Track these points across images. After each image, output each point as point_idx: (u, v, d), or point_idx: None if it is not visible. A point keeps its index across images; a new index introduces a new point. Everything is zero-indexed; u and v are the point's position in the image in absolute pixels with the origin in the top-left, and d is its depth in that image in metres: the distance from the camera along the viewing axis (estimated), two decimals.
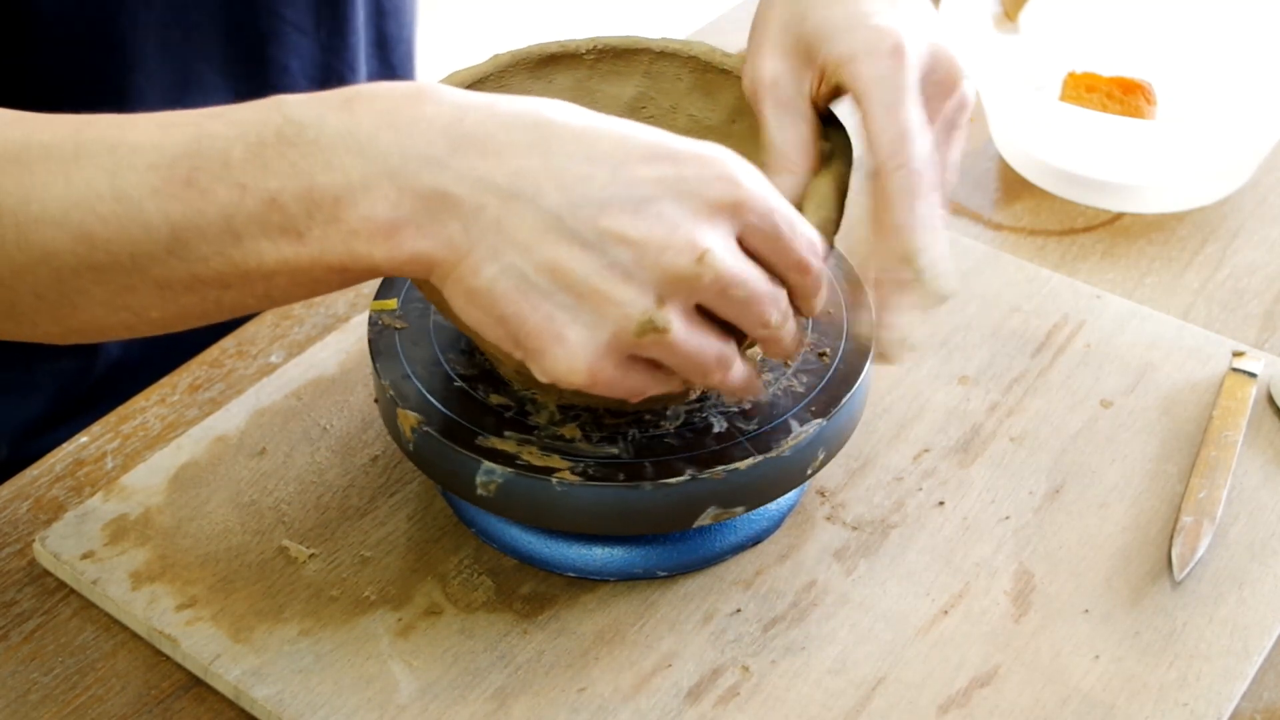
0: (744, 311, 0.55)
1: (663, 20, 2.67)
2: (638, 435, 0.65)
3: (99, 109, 0.57)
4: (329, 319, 0.84)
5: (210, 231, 0.53)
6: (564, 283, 0.53)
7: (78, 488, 0.74)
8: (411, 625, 0.66)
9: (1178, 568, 0.69)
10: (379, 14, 0.98)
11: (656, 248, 0.52)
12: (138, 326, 0.57)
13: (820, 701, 0.64)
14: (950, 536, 0.71)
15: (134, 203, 0.53)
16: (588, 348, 0.53)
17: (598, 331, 0.53)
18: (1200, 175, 0.94)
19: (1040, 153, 0.96)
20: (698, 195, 0.53)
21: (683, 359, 0.55)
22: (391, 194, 0.52)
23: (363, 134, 0.52)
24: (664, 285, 0.53)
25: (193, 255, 0.53)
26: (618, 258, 0.52)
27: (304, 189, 0.52)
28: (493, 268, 0.53)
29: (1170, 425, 0.77)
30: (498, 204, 0.52)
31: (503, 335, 0.54)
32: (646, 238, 0.52)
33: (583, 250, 0.52)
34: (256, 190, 0.52)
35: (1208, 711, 0.63)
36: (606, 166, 0.53)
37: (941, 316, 0.83)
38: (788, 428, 0.65)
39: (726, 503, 0.64)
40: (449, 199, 0.52)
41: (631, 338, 0.53)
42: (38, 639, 0.67)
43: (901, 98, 0.62)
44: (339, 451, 0.75)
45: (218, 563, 0.69)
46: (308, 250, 0.53)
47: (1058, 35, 1.02)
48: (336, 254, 0.53)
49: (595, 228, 0.52)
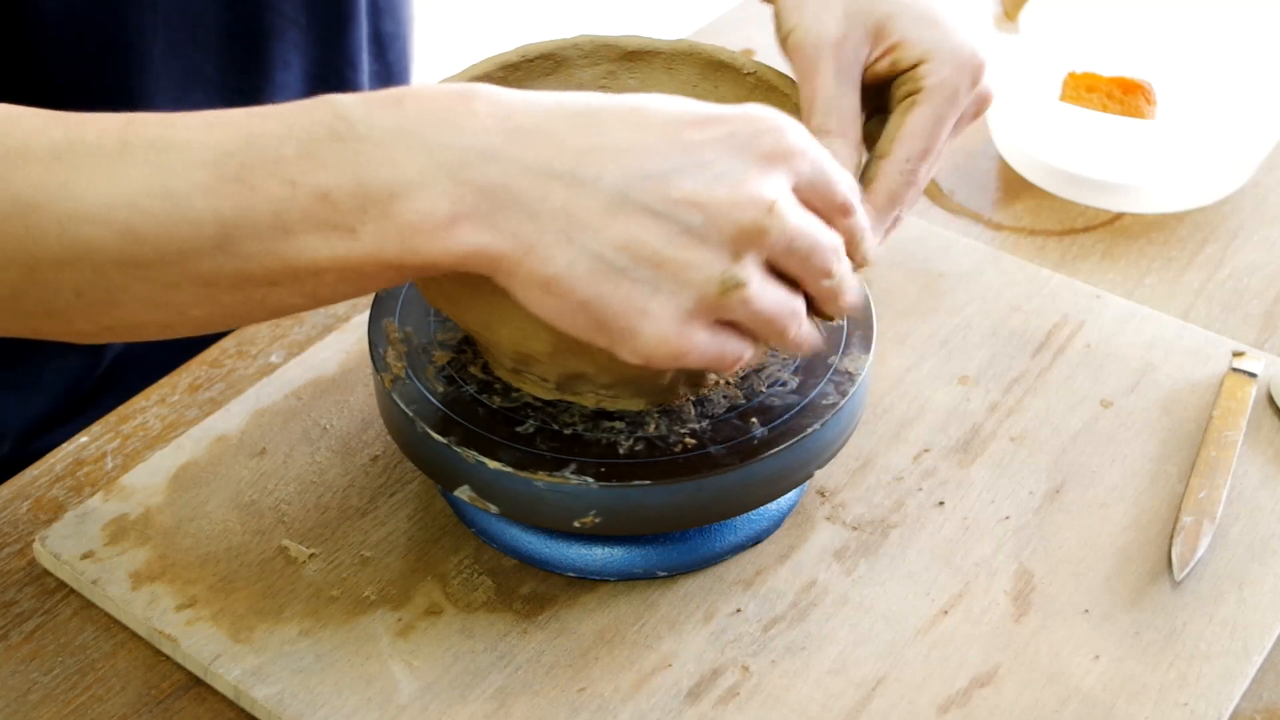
0: (807, 262, 0.56)
1: (663, 20, 2.67)
2: (637, 434, 0.65)
3: (104, 109, 0.57)
4: (329, 319, 0.84)
5: (260, 227, 0.52)
6: (640, 256, 0.53)
7: (78, 488, 0.74)
8: (411, 625, 0.66)
9: (1178, 568, 0.69)
10: (375, 12, 0.98)
11: (726, 206, 0.53)
12: (176, 325, 0.57)
13: (820, 701, 0.64)
14: (950, 536, 0.71)
15: (182, 199, 0.52)
16: (675, 317, 0.53)
17: (682, 299, 0.53)
18: (1200, 175, 0.94)
19: (1040, 153, 0.96)
20: (752, 149, 0.54)
21: (762, 315, 0.55)
22: (451, 188, 0.52)
23: (415, 130, 0.52)
24: (737, 242, 0.53)
25: (241, 252, 0.53)
26: (689, 222, 0.53)
27: (356, 184, 0.52)
28: (566, 254, 0.52)
29: (1170, 425, 0.77)
30: (562, 190, 0.52)
31: (585, 322, 0.54)
32: (713, 198, 0.53)
33: (653, 220, 0.52)
34: (308, 186, 0.52)
35: (1208, 711, 0.63)
36: (660, 137, 0.53)
37: (942, 316, 0.83)
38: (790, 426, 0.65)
39: (717, 508, 0.64)
40: (510, 191, 0.52)
41: (715, 298, 0.53)
42: (38, 639, 0.67)
43: (950, 117, 0.65)
44: (339, 451, 0.75)
45: (218, 563, 0.69)
46: (360, 246, 0.53)
47: (1058, 35, 1.02)
48: (392, 250, 0.53)
49: (662, 197, 0.52)
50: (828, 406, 0.66)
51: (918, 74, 0.65)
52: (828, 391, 0.67)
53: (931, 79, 0.65)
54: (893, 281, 0.85)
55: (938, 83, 0.65)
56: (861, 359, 0.68)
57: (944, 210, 0.95)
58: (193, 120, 0.54)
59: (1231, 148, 0.92)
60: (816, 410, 0.66)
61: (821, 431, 0.65)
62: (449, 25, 2.66)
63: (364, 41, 0.97)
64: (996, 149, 1.00)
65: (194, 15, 0.85)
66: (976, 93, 0.66)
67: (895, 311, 0.83)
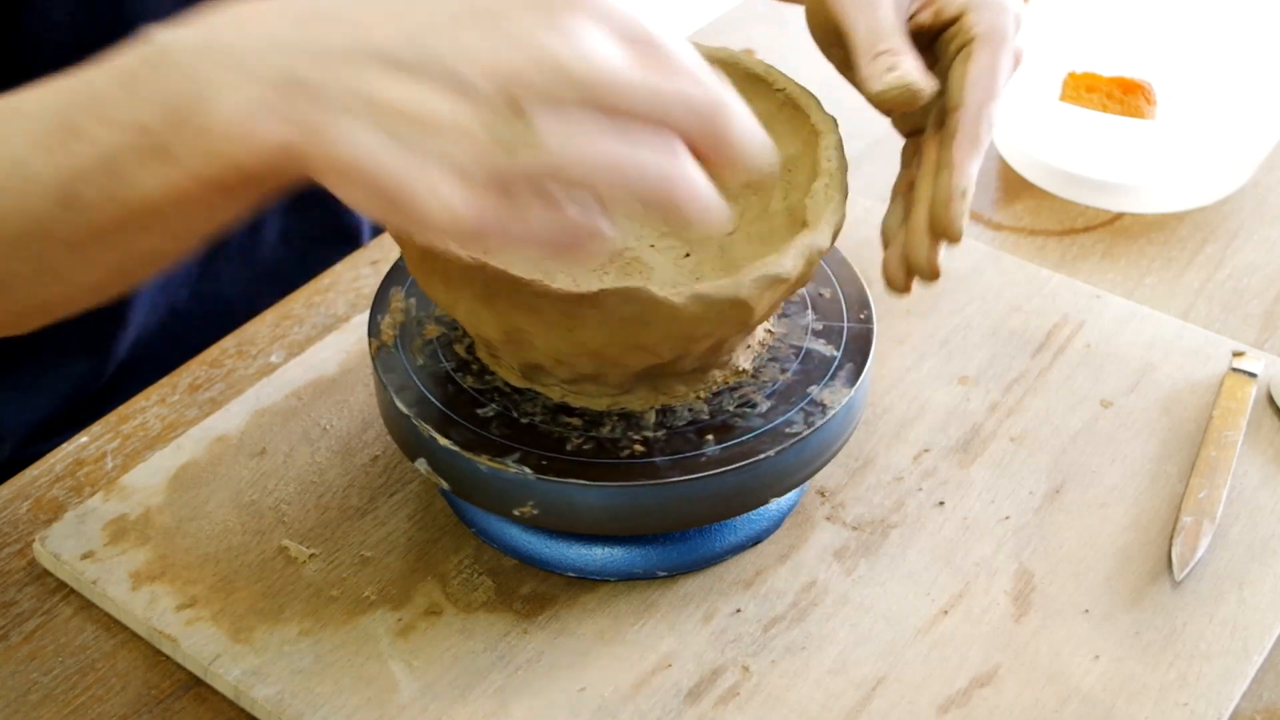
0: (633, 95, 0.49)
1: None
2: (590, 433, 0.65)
3: None
4: (329, 319, 0.84)
5: (92, 175, 0.52)
6: (415, 120, 0.49)
7: (78, 488, 0.74)
8: (411, 625, 0.66)
9: (1178, 568, 0.69)
10: None
11: (504, 58, 0.49)
12: (77, 297, 0.57)
13: (820, 701, 0.64)
14: (950, 536, 0.71)
15: (24, 163, 0.53)
16: (459, 181, 0.49)
17: (459, 159, 0.49)
18: (1200, 175, 0.94)
19: (1040, 153, 0.96)
20: (543, 9, 0.50)
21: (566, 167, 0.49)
22: (244, 88, 0.50)
23: (216, 40, 0.52)
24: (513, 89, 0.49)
25: (84, 204, 0.53)
26: (466, 79, 0.49)
27: (165, 106, 0.51)
28: (349, 131, 0.50)
29: (1170, 425, 0.77)
30: (341, 67, 0.50)
31: (380, 202, 0.51)
32: (493, 55, 0.49)
33: (430, 84, 0.49)
34: (127, 122, 0.52)
35: (1208, 711, 0.63)
36: (443, 6, 0.51)
37: (942, 316, 0.83)
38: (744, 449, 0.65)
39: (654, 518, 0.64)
40: (297, 78, 0.50)
41: (498, 156, 0.49)
42: (38, 639, 0.67)
43: (1006, 60, 0.65)
44: (339, 451, 0.75)
45: (218, 563, 0.69)
46: (180, 169, 0.52)
47: (1058, 35, 1.02)
48: (205, 165, 0.51)
49: (437, 58, 0.49)
50: (789, 435, 0.65)
51: (966, 24, 0.66)
52: (794, 420, 0.66)
53: (981, 26, 0.65)
54: None
55: (988, 29, 0.65)
56: (843, 392, 0.67)
57: None
58: (42, 87, 0.54)
59: (1231, 148, 0.92)
60: (776, 437, 0.65)
61: (776, 459, 0.64)
62: None
63: None
64: (996, 149, 1.00)
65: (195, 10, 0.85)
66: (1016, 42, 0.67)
67: (895, 311, 0.83)
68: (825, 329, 0.70)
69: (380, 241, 0.91)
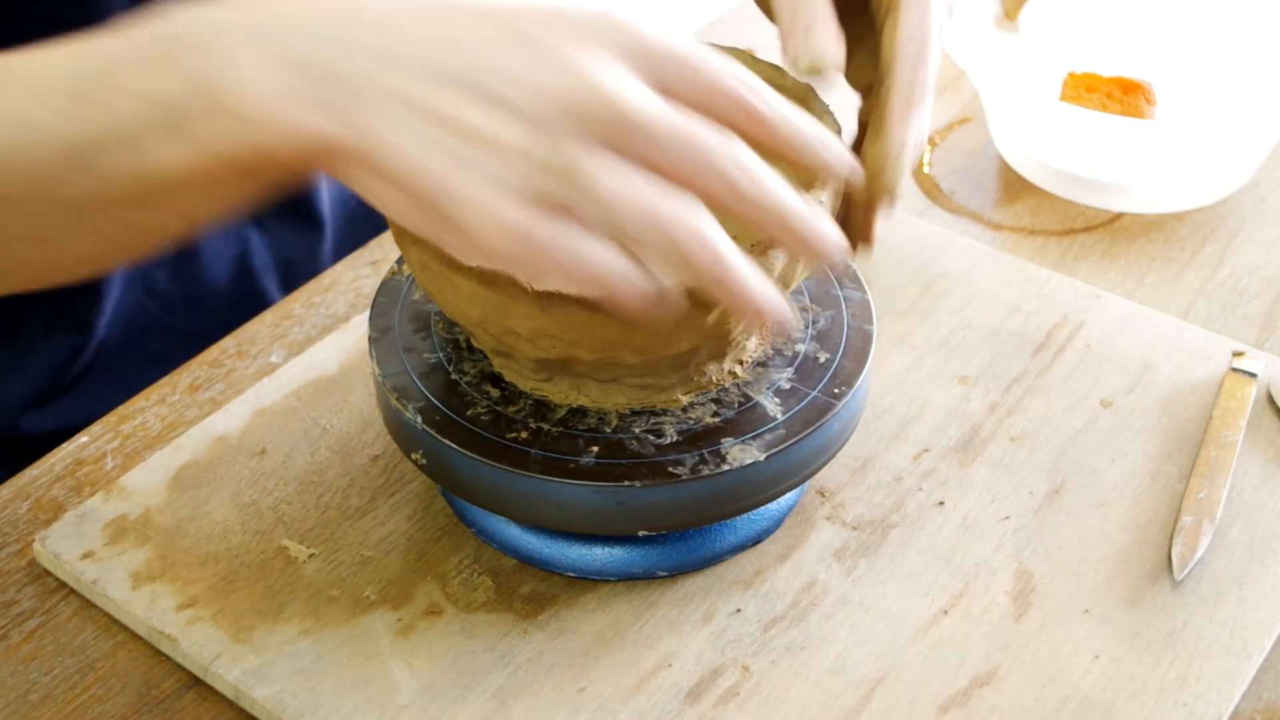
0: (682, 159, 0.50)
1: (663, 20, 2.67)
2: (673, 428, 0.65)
3: None
4: (329, 319, 0.84)
5: (109, 143, 0.52)
6: (465, 133, 0.50)
7: (78, 488, 0.74)
8: (411, 625, 0.66)
9: (1178, 568, 0.69)
10: None
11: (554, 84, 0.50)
12: (64, 261, 0.57)
13: (820, 701, 0.64)
14: (950, 536, 0.71)
15: (35, 123, 0.52)
16: (508, 198, 0.50)
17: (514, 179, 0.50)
18: (1200, 175, 0.94)
19: (1040, 153, 0.96)
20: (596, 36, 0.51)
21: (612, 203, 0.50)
22: (277, 71, 0.51)
23: (244, 21, 0.52)
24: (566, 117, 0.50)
25: (96, 171, 0.53)
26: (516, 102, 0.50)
27: (189, 84, 0.51)
28: (394, 135, 0.50)
29: (1170, 425, 0.77)
30: (389, 71, 0.50)
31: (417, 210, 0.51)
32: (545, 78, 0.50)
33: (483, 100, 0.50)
34: (148, 94, 0.52)
35: (1208, 711, 0.63)
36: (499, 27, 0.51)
37: (942, 316, 0.83)
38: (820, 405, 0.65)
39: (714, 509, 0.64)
40: (337, 73, 0.51)
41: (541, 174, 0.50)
42: (38, 639, 0.67)
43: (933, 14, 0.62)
44: (339, 451, 0.75)
45: (218, 563, 0.69)
46: (201, 147, 0.52)
47: (1058, 35, 1.02)
48: (228, 145, 0.51)
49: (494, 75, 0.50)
50: (789, 435, 0.65)
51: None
52: (794, 420, 0.65)
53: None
54: (893, 281, 0.85)
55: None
56: (841, 393, 0.67)
57: (944, 210, 0.95)
58: (52, 49, 0.54)
59: (1231, 148, 0.92)
60: (776, 437, 0.65)
61: (776, 459, 0.64)
62: None
63: None
64: (996, 149, 1.00)
65: None
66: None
67: (895, 311, 0.83)
68: (823, 330, 0.70)
69: (380, 241, 0.91)
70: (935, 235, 0.90)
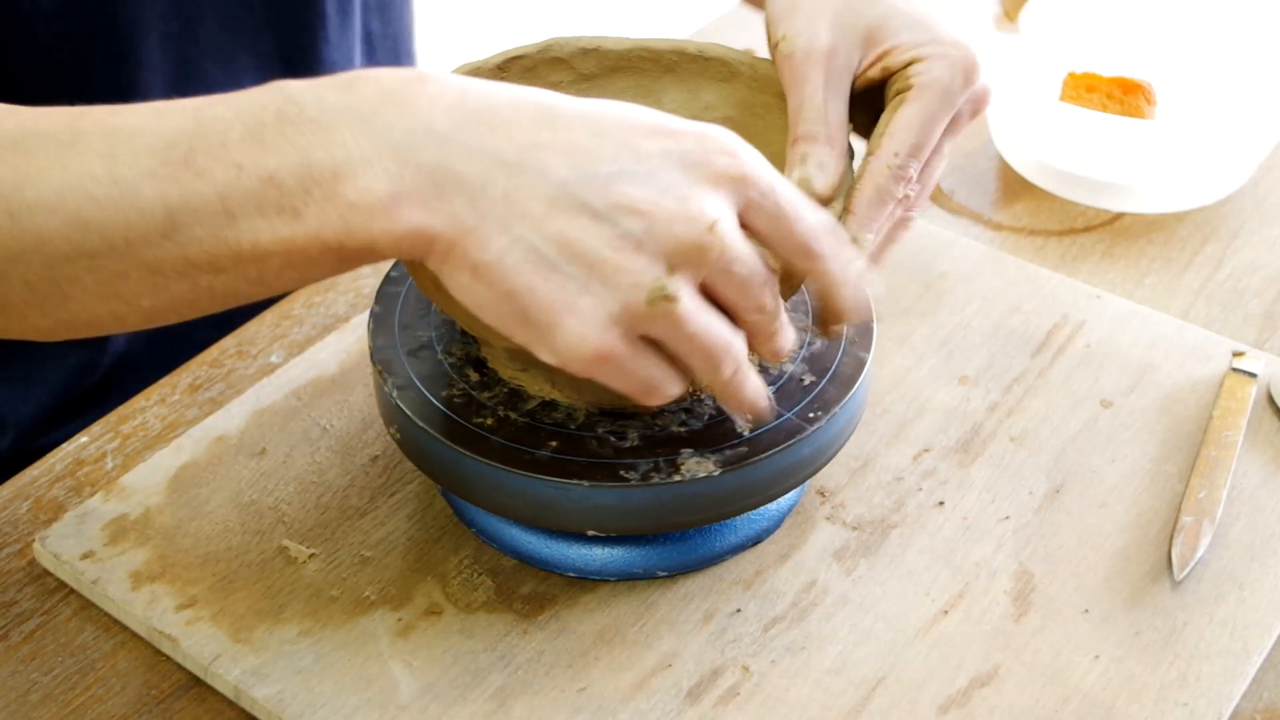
0: (743, 292, 0.55)
1: (663, 21, 2.67)
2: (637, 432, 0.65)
3: (97, 101, 0.57)
4: (329, 319, 0.84)
5: (205, 212, 0.52)
6: (574, 254, 0.52)
7: (78, 488, 0.74)
8: (411, 625, 0.66)
9: (1178, 568, 0.69)
10: (364, 9, 0.98)
11: (667, 218, 0.52)
12: (128, 317, 0.57)
13: (820, 701, 0.64)
14: (950, 536, 0.71)
15: (129, 185, 0.52)
16: (598, 317, 0.52)
17: (609, 301, 0.52)
18: (1200, 175, 0.94)
19: (1040, 153, 0.96)
20: (702, 167, 0.53)
21: (691, 339, 0.54)
22: (392, 167, 0.52)
23: (364, 111, 0.52)
24: (674, 256, 0.53)
25: (186, 237, 0.53)
26: (628, 228, 0.52)
27: (301, 165, 0.52)
28: (501, 241, 0.52)
29: (1170, 425, 0.77)
30: (505, 178, 0.52)
31: (508, 313, 0.53)
32: (656, 208, 0.52)
33: (593, 221, 0.52)
34: (253, 168, 0.52)
35: (1208, 711, 0.63)
36: (612, 140, 0.53)
37: (942, 316, 0.83)
38: (790, 428, 0.65)
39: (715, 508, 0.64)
40: (453, 174, 0.52)
41: (643, 306, 0.53)
42: (38, 639, 0.67)
43: (943, 113, 0.65)
44: (339, 451, 0.75)
45: (218, 563, 0.69)
46: (304, 228, 0.52)
47: (1058, 35, 1.02)
48: (333, 230, 0.52)
49: (605, 199, 0.52)
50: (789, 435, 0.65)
51: (909, 73, 0.65)
52: (794, 420, 0.66)
53: (922, 77, 0.64)
54: (893, 281, 0.85)
55: (929, 80, 0.64)
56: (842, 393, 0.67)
57: (944, 210, 0.95)
58: (144, 109, 0.54)
59: (1231, 148, 0.92)
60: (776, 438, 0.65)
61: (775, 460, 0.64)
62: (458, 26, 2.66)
63: (357, 41, 0.97)
64: (996, 149, 1.00)
65: (190, 6, 0.85)
66: (972, 91, 0.66)
67: (895, 311, 0.83)
68: (816, 353, 0.70)
69: None
70: (935, 235, 0.90)
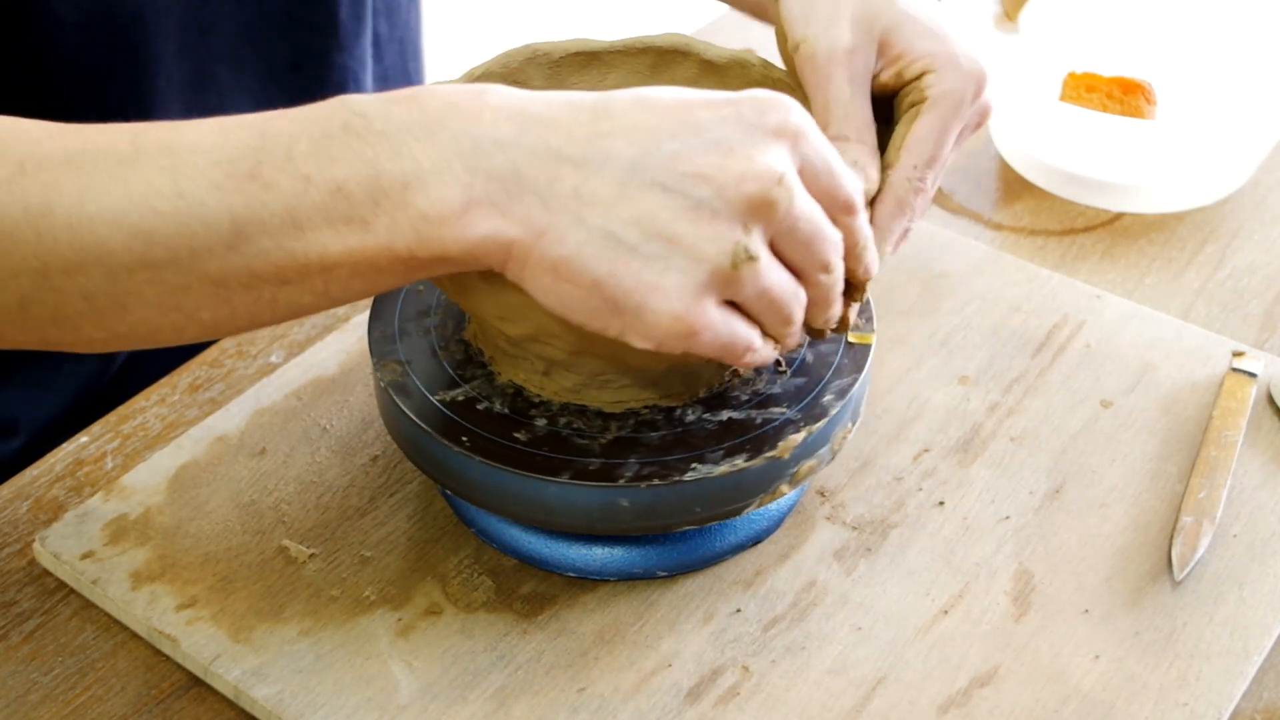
0: (809, 249, 0.56)
1: (663, 20, 2.67)
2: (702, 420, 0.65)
3: (119, 113, 0.57)
4: (329, 319, 0.84)
5: (272, 224, 0.53)
6: (651, 231, 0.53)
7: (78, 488, 0.74)
8: (411, 625, 0.66)
9: (1178, 568, 0.69)
10: (372, 13, 0.98)
11: (736, 178, 0.53)
12: (186, 329, 0.57)
13: (820, 701, 0.64)
14: (950, 536, 0.71)
15: (194, 198, 0.52)
16: (687, 291, 0.53)
17: (695, 272, 0.53)
18: (1200, 175, 0.94)
19: (1040, 153, 0.96)
20: (759, 125, 0.54)
21: (770, 293, 0.55)
22: (463, 176, 0.52)
23: (430, 123, 0.53)
24: (747, 215, 0.53)
25: (253, 249, 0.53)
26: (700, 196, 0.53)
27: (370, 176, 0.52)
28: (578, 234, 0.53)
29: (1170, 425, 0.77)
30: (572, 173, 0.53)
31: (597, 304, 0.54)
32: (723, 171, 0.53)
33: (664, 196, 0.53)
34: (321, 180, 0.52)
35: (1208, 711, 0.63)
36: (670, 117, 0.54)
37: (942, 316, 0.83)
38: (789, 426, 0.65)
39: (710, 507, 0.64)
40: (522, 177, 0.53)
41: (728, 271, 0.53)
42: (38, 639, 0.67)
43: (955, 125, 0.66)
44: (339, 451, 0.75)
45: (218, 563, 0.69)
46: (373, 239, 0.53)
47: (1058, 35, 1.02)
48: (404, 241, 0.53)
49: (672, 172, 0.53)
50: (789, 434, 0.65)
51: (923, 84, 0.66)
52: (794, 420, 0.65)
53: (937, 88, 0.65)
54: (893, 281, 0.85)
55: (943, 92, 0.65)
56: (842, 392, 0.67)
57: (944, 210, 0.95)
58: (205, 125, 0.54)
59: (1231, 148, 0.92)
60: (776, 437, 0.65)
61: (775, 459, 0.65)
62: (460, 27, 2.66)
63: (368, 44, 0.97)
64: (996, 149, 1.00)
65: (207, 16, 0.85)
66: (979, 104, 0.67)
67: (895, 311, 0.83)
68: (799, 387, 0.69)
69: None
70: (935, 235, 0.90)
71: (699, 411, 0.66)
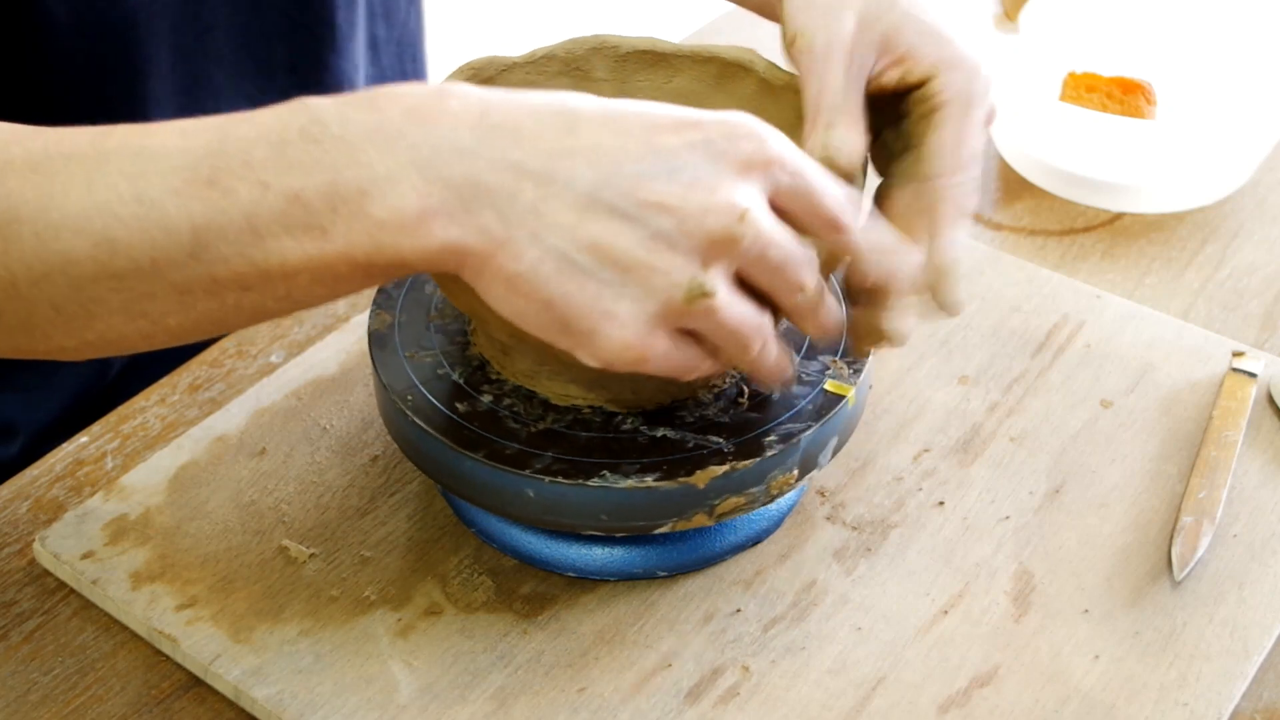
0: (779, 276, 0.55)
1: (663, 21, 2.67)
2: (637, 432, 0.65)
3: (114, 115, 0.57)
4: (329, 319, 0.84)
5: (231, 231, 0.52)
6: (608, 258, 0.52)
7: (78, 488, 0.74)
8: (411, 625, 0.66)
9: (1178, 568, 0.69)
10: (369, 15, 0.98)
11: (697, 212, 0.52)
12: (155, 336, 0.56)
13: (820, 701, 0.64)
14: (950, 536, 0.71)
15: (155, 205, 0.52)
16: (639, 320, 0.53)
17: (647, 303, 0.53)
18: (1200, 175, 0.94)
19: (1040, 153, 0.96)
20: (728, 155, 0.53)
21: (727, 328, 0.55)
22: (420, 184, 0.52)
23: (388, 129, 0.52)
24: (707, 249, 0.53)
25: (213, 256, 0.53)
26: (660, 226, 0.52)
27: (328, 184, 0.52)
28: (534, 252, 0.52)
29: (1170, 425, 0.77)
30: (532, 188, 0.52)
31: (548, 321, 0.54)
32: (686, 203, 0.52)
33: (624, 223, 0.52)
34: (279, 187, 0.52)
35: (1208, 711, 0.63)
36: (635, 139, 0.53)
37: None
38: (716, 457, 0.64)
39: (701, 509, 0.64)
40: (481, 187, 0.52)
41: (681, 305, 0.53)
42: (38, 639, 0.67)
43: (973, 126, 0.65)
44: (339, 451, 0.75)
45: (218, 563, 0.69)
46: (332, 246, 0.52)
47: (1058, 35, 1.02)
48: (362, 248, 0.52)
49: (633, 199, 0.52)
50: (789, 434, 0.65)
51: (932, 89, 0.65)
52: (794, 419, 0.65)
53: (947, 93, 0.64)
54: None
55: (954, 96, 0.64)
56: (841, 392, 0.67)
57: None
58: (169, 128, 0.54)
59: (1231, 148, 0.92)
60: (776, 437, 0.65)
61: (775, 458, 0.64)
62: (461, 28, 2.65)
63: (363, 47, 0.97)
64: (996, 149, 1.00)
65: (202, 19, 0.85)
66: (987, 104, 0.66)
67: None
68: None
69: None
70: None
71: (638, 422, 0.65)
